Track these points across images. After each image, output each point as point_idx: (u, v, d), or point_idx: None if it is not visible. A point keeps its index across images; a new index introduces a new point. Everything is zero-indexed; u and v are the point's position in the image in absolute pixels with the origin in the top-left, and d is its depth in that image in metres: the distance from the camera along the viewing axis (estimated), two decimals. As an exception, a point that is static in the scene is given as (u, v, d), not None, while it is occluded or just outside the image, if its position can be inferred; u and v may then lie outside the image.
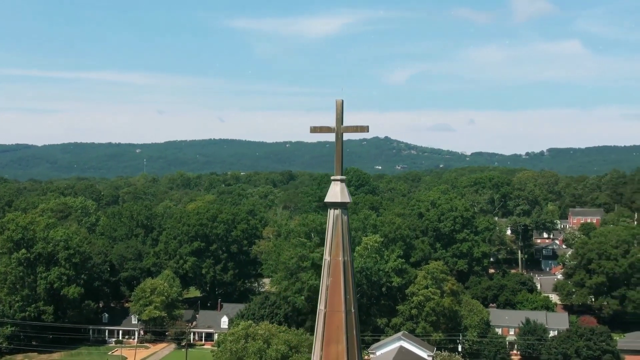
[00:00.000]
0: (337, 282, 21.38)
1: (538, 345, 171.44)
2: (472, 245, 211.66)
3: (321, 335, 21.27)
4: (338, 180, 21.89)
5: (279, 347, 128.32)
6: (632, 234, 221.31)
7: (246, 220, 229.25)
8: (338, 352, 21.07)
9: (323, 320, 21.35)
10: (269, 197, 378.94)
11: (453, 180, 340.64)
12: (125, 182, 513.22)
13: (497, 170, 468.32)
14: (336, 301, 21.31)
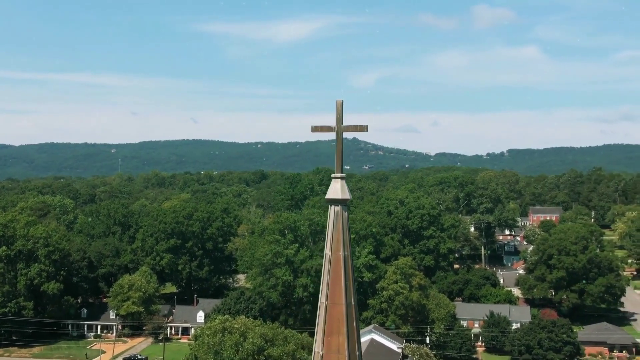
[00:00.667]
0: (338, 276, 21.46)
1: (502, 337, 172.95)
2: (438, 242, 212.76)
3: (322, 327, 21.31)
4: (338, 177, 21.99)
5: (255, 341, 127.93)
6: (590, 231, 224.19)
7: (221, 219, 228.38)
8: (339, 343, 21.16)
9: (324, 312, 21.40)
10: (243, 196, 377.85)
11: (419, 179, 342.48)
12: (102, 181, 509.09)
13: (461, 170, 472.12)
14: (337, 294, 21.39)
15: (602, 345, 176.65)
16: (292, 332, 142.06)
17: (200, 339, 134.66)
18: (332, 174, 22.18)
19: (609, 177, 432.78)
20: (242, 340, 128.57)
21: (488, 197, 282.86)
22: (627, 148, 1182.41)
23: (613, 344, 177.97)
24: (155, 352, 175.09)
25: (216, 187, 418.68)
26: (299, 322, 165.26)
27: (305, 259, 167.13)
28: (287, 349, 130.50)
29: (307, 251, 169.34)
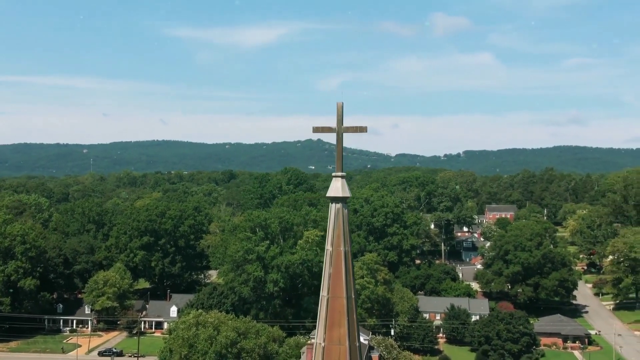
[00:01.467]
0: (339, 271, 21.43)
1: (462, 329, 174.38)
2: (401, 239, 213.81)
3: (324, 320, 21.28)
4: (339, 176, 21.98)
5: (228, 334, 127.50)
6: (544, 228, 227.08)
7: (193, 217, 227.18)
8: (340, 335, 21.14)
9: (326, 305, 21.36)
10: (213, 195, 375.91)
11: (382, 179, 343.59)
12: (75, 181, 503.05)
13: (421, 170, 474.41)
14: (338, 288, 21.37)
15: (557, 336, 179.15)
16: (264, 325, 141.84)
17: (174, 333, 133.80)
18: (333, 173, 22.16)
19: (560, 177, 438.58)
20: (216, 333, 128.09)
21: (447, 196, 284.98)
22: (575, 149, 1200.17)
23: (567, 335, 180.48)
24: (129, 346, 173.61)
25: (186, 187, 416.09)
26: (269, 316, 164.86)
27: (276, 255, 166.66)
28: (259, 341, 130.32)
29: (277, 248, 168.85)
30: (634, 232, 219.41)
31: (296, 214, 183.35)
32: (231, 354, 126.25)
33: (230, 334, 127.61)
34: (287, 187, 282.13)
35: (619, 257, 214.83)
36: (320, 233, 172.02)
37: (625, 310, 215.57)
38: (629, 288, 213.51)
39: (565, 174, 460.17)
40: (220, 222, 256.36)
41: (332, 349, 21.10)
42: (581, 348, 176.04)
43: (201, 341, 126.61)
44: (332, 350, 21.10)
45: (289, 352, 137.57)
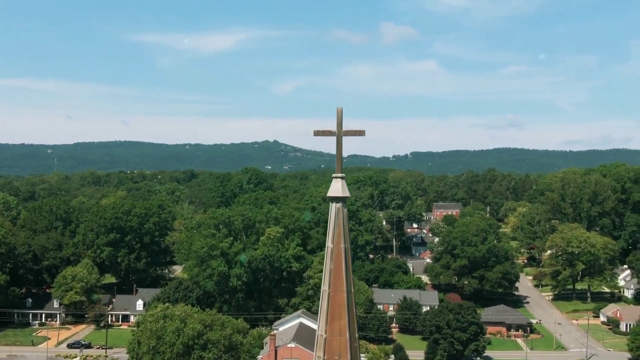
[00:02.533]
0: (339, 266, 21.49)
1: (414, 319, 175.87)
2: (356, 235, 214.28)
3: (325, 313, 21.30)
4: (339, 177, 22.00)
5: (195, 326, 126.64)
6: (489, 224, 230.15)
7: (157, 214, 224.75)
8: (341, 327, 21.21)
9: (327, 299, 21.39)
10: (176, 194, 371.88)
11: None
12: (40, 180, 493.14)
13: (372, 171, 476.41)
14: (339, 283, 21.42)
15: (501, 325, 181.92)
16: (229, 317, 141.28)
17: (143, 325, 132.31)
18: (333, 174, 22.19)
19: (501, 177, 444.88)
20: (183, 326, 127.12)
21: (399, 195, 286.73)
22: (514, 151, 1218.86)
23: (510, 324, 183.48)
24: (97, 338, 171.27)
25: (149, 185, 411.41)
26: (232, 308, 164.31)
27: (239, 251, 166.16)
28: (224, 333, 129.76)
29: (240, 244, 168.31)
30: (571, 228, 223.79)
31: (258, 212, 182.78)
32: (198, 345, 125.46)
33: (196, 326, 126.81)
34: (248, 186, 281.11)
35: (557, 252, 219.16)
36: (281, 230, 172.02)
37: (562, 300, 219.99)
38: (566, 280, 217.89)
39: (506, 174, 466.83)
40: (184, 219, 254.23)
41: (334, 340, 21.17)
42: (524, 336, 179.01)
43: (169, 333, 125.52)
44: (334, 341, 21.16)
45: (253, 343, 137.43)
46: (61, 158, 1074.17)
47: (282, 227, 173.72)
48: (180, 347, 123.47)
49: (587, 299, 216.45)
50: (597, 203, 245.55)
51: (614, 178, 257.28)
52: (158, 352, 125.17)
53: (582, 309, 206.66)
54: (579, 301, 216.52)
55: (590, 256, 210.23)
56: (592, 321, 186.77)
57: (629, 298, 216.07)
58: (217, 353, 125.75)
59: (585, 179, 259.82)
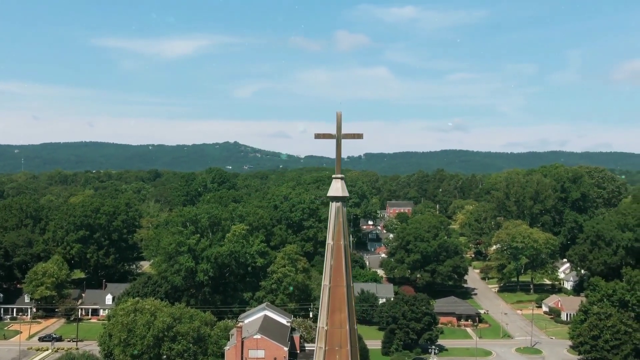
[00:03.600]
0: (340, 262, 21.56)
1: (371, 311, 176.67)
2: (316, 231, 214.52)
3: (327, 306, 21.35)
4: (338, 178, 22.06)
5: (164, 319, 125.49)
6: (440, 221, 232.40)
7: (125, 212, 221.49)
8: (341, 319, 21.27)
9: (328, 293, 21.45)
10: (142, 192, 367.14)
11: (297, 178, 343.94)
12: (8, 179, 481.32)
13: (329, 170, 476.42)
14: (339, 277, 21.49)
15: (452, 316, 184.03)
16: (197, 311, 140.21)
17: (114, 319, 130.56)
18: (333, 175, 22.22)
19: (449, 177, 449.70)
20: (153, 319, 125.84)
21: (355, 193, 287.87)
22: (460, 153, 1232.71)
23: (460, 314, 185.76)
24: (68, 332, 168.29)
25: (116, 185, 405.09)
26: (199, 302, 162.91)
27: (206, 247, 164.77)
28: (192, 325, 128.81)
29: (207, 241, 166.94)
30: (515, 224, 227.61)
31: (223, 210, 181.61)
32: (167, 337, 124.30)
33: (166, 319, 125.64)
34: (212, 185, 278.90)
35: (502, 246, 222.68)
36: (245, 227, 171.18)
37: (507, 292, 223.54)
38: (511, 273, 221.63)
39: (454, 174, 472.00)
40: (150, 217, 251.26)
41: (334, 332, 21.21)
42: (473, 325, 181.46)
43: (139, 326, 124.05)
44: (334, 333, 21.21)
45: (220, 335, 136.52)
46: (28, 158, 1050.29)
47: (247, 225, 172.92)
48: (150, 340, 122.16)
49: (530, 291, 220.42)
50: (538, 201, 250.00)
51: (554, 178, 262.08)
52: (129, 345, 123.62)
53: (525, 299, 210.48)
54: (523, 292, 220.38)
55: (533, 251, 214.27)
56: (535, 311, 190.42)
57: (568, 289, 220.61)
58: (186, 345, 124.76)
59: (528, 179, 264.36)
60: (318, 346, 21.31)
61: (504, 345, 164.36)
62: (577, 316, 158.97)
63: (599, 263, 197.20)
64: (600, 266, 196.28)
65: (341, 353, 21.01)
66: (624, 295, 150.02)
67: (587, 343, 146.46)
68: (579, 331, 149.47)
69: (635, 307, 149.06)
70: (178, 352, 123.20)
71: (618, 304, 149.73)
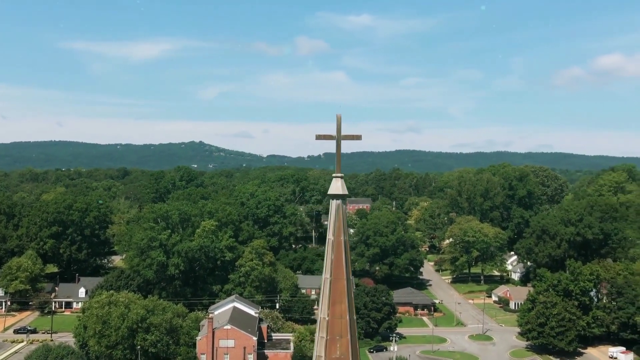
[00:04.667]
0: (340, 256, 21.62)
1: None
2: (282, 227, 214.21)
3: (328, 298, 21.42)
4: (339, 177, 22.11)
5: (138, 311, 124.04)
6: (397, 217, 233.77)
7: (97, 209, 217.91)
8: (342, 310, 21.36)
9: (329, 286, 21.50)
10: (112, 190, 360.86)
11: (261, 176, 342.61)
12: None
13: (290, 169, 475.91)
14: (339, 271, 21.56)
15: (409, 305, 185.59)
16: (169, 303, 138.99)
17: (88, 311, 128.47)
18: (333, 174, 22.25)
19: (404, 175, 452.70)
20: (127, 311, 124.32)
21: (318, 191, 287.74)
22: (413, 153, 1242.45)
23: (417, 304, 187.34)
24: (42, 324, 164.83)
25: (86, 182, 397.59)
26: (170, 295, 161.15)
27: (176, 242, 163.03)
28: (165, 317, 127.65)
29: (177, 236, 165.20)
30: (467, 220, 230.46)
31: (193, 207, 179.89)
32: (141, 328, 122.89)
33: (140, 311, 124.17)
34: (180, 183, 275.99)
35: (455, 240, 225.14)
36: (214, 223, 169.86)
37: (460, 283, 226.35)
38: (463, 265, 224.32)
39: (409, 173, 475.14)
40: (121, 214, 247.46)
41: (335, 322, 21.29)
42: (429, 314, 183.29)
43: (114, 318, 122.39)
44: (335, 323, 21.29)
45: (191, 325, 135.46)
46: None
47: (216, 221, 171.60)
48: (125, 331, 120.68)
49: (480, 282, 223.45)
50: (488, 198, 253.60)
51: (502, 177, 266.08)
52: (104, 336, 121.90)
53: (477, 290, 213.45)
54: (474, 283, 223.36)
55: (483, 244, 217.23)
56: (486, 301, 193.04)
57: (516, 280, 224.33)
58: (159, 335, 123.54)
59: (478, 178, 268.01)
60: (320, 336, 21.35)
61: (457, 333, 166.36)
62: (525, 305, 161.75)
63: (544, 255, 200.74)
64: (545, 258, 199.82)
65: (342, 342, 21.11)
66: (568, 285, 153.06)
67: (535, 330, 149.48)
68: (527, 319, 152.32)
69: (578, 296, 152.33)
70: (151, 343, 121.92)
71: (562, 293, 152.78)
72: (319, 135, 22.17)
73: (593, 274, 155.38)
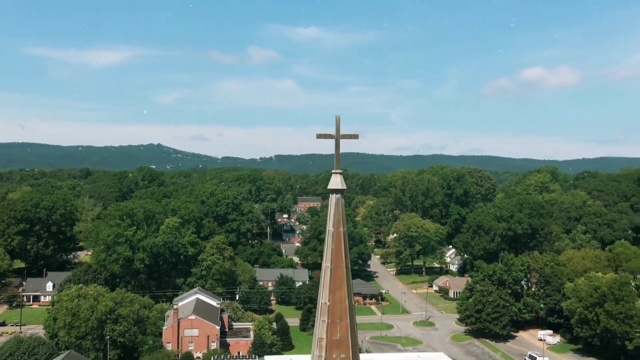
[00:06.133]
0: (340, 246, 21.77)
1: (289, 293, 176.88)
2: (239, 224, 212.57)
3: (328, 284, 21.52)
4: (338, 173, 22.23)
5: (107, 303, 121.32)
6: (347, 214, 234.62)
7: (63, 207, 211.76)
8: (341, 296, 21.51)
9: (330, 274, 21.62)
10: (77, 189, 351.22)
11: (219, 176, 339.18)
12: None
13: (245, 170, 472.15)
14: (339, 259, 21.71)
15: (358, 295, 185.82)
16: (136, 295, 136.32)
17: (58, 304, 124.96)
18: (332, 170, 22.36)
19: (351, 175, 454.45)
20: (96, 303, 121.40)
21: (272, 190, 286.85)
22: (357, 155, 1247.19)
23: (366, 294, 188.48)
24: (10, 317, 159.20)
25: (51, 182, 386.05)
26: (136, 288, 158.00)
27: (142, 238, 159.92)
28: (133, 308, 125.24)
29: (143, 232, 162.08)
30: (410, 216, 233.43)
31: (157, 205, 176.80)
32: (110, 319, 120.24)
33: (108, 304, 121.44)
34: (142, 182, 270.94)
35: (399, 235, 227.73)
36: (178, 220, 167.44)
37: (404, 274, 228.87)
38: (406, 258, 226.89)
39: (355, 173, 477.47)
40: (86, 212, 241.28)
41: (335, 307, 21.42)
42: (377, 303, 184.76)
43: (83, 310, 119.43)
44: (335, 307, 21.42)
45: (157, 316, 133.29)
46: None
47: (179, 218, 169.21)
48: (94, 322, 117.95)
49: (422, 273, 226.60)
50: (429, 197, 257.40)
51: (441, 177, 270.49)
52: (73, 327, 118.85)
53: (419, 280, 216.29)
54: (417, 275, 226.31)
55: (424, 239, 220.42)
56: (428, 290, 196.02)
57: (454, 271, 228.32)
58: (127, 326, 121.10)
59: (420, 178, 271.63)
60: (321, 319, 21.45)
61: (403, 320, 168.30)
62: (463, 293, 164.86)
63: (479, 249, 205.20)
64: (480, 251, 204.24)
65: (342, 325, 21.25)
66: (502, 275, 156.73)
67: (472, 316, 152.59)
68: (466, 306, 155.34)
69: (511, 285, 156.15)
70: (120, 333, 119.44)
71: (497, 282, 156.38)
72: (320, 134, 22.28)
73: (524, 265, 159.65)
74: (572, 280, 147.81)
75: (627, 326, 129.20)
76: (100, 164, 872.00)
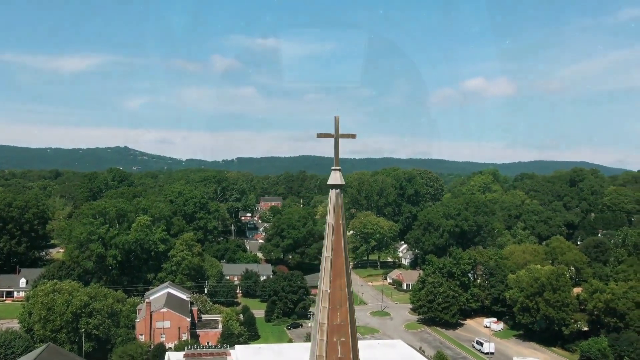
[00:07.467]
0: (339, 237, 21.77)
1: (254, 286, 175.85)
2: (206, 222, 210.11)
3: (329, 273, 21.51)
4: (337, 169, 22.21)
5: (82, 298, 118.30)
6: (308, 212, 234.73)
7: (36, 206, 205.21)
8: (341, 283, 21.53)
9: (330, 263, 21.62)
10: (47, 189, 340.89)
11: (185, 177, 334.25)
12: None
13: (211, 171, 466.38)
14: (339, 249, 21.71)
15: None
16: (110, 290, 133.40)
17: (33, 299, 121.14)
18: (332, 167, 22.34)
19: (310, 177, 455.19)
20: (71, 298, 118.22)
21: (237, 190, 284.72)
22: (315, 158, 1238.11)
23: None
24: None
25: (21, 182, 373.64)
26: (108, 283, 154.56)
27: (114, 236, 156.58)
28: (107, 302, 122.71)
29: (115, 230, 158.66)
30: (365, 215, 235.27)
31: (128, 204, 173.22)
32: (85, 313, 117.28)
33: (83, 298, 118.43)
34: (113, 182, 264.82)
35: (356, 232, 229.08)
36: (149, 218, 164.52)
37: (360, 268, 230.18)
38: (362, 253, 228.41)
39: (313, 175, 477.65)
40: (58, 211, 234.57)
41: (336, 293, 21.43)
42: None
43: (59, 304, 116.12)
44: (336, 294, 21.44)
45: (130, 310, 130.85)
46: None
47: (150, 216, 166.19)
48: (69, 316, 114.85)
49: (377, 267, 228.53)
50: (383, 196, 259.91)
51: (394, 178, 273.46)
52: (49, 321, 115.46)
53: (374, 274, 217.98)
54: (372, 268, 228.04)
55: (379, 235, 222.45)
56: (383, 283, 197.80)
57: (406, 265, 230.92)
58: (101, 319, 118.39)
59: (374, 179, 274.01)
60: (322, 306, 21.42)
61: (360, 310, 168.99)
62: (416, 285, 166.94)
63: (429, 244, 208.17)
64: (430, 246, 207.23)
65: (342, 311, 21.29)
66: (451, 268, 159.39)
67: (425, 306, 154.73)
68: (418, 297, 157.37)
69: (459, 277, 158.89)
70: (94, 326, 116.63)
71: (447, 275, 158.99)
72: (320, 134, 22.24)
73: (470, 258, 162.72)
74: (514, 272, 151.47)
75: (564, 313, 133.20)
76: (69, 165, 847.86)
